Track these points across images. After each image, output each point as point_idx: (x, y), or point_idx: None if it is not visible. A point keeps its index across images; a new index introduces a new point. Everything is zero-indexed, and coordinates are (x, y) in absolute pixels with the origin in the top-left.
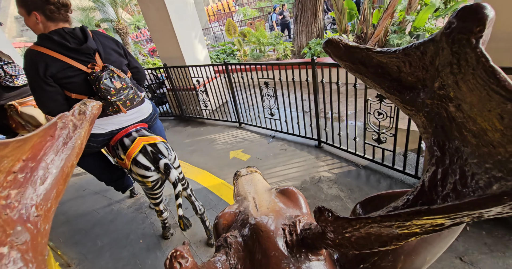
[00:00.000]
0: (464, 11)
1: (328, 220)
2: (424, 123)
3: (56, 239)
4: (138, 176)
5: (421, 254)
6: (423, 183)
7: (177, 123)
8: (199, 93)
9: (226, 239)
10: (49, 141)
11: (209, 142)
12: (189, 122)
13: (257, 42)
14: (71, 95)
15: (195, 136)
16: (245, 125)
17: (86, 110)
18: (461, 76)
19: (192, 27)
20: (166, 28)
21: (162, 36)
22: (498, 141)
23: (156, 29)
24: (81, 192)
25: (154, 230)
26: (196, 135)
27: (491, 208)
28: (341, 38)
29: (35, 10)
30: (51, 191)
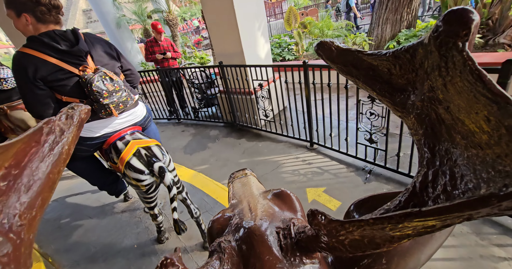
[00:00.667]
0: (450, 15)
1: (321, 223)
2: (415, 125)
3: (47, 246)
4: (132, 179)
5: (414, 255)
6: (415, 184)
7: (229, 132)
8: (260, 100)
9: (220, 244)
10: (34, 147)
11: (273, 167)
12: (243, 133)
13: (320, 34)
14: (62, 98)
15: (252, 154)
16: (319, 147)
17: (74, 114)
18: (449, 79)
19: (256, 16)
20: (226, 18)
21: (220, 28)
22: (486, 143)
23: (215, 19)
24: (73, 197)
25: (149, 234)
26: (253, 153)
27: (480, 210)
28: (333, 41)
29: (25, 12)
30: (36, 199)
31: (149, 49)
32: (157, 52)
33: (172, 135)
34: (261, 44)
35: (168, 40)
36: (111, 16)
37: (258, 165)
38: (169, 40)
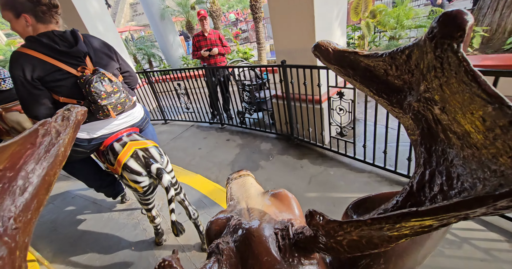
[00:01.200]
0: (445, 17)
1: (319, 224)
2: (412, 125)
3: (43, 249)
4: (129, 181)
5: (411, 255)
6: (412, 184)
7: (285, 148)
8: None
9: (218, 246)
10: (30, 149)
11: None
12: (304, 151)
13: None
14: (59, 99)
15: (324, 186)
16: None
17: (70, 116)
18: (445, 80)
19: (336, 1)
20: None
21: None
22: (481, 143)
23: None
24: (69, 199)
25: (147, 236)
26: (325, 185)
27: (475, 209)
28: (330, 42)
29: (24, 12)
30: (31, 202)
31: (196, 45)
32: (203, 47)
33: (216, 144)
34: (337, 38)
35: (217, 33)
36: (155, 7)
37: (336, 205)
38: (217, 33)
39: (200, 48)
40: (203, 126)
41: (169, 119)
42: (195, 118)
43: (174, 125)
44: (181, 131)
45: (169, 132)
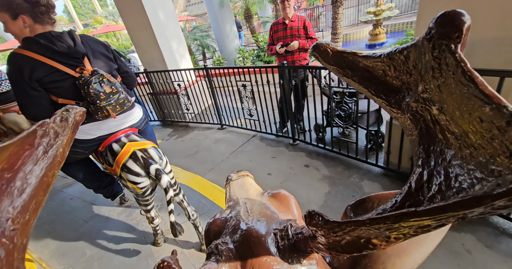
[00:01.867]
0: (443, 17)
1: (318, 224)
2: (410, 125)
3: (41, 251)
4: (128, 182)
5: (410, 255)
6: (410, 184)
7: None
8: None
9: (217, 246)
10: (28, 150)
11: None
12: None
13: None
14: (57, 100)
15: None
16: None
17: (69, 117)
18: (443, 80)
19: None
20: None
21: None
22: (479, 143)
23: None
24: (68, 200)
25: (145, 237)
26: None
27: (473, 209)
28: (329, 43)
29: (22, 13)
30: (29, 203)
31: (273, 36)
32: (281, 40)
33: (291, 170)
34: None
35: (302, 19)
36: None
37: None
38: (302, 19)
39: (278, 41)
40: (268, 138)
41: (226, 124)
42: (258, 127)
43: (232, 133)
44: (241, 142)
45: (228, 143)
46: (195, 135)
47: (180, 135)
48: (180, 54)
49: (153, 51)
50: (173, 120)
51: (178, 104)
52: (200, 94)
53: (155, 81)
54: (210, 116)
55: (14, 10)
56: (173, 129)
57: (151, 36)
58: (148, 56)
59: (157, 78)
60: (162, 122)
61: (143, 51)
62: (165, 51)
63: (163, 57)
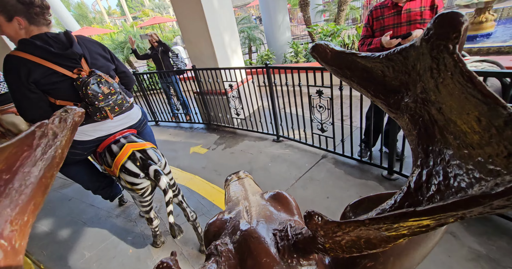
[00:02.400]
0: (441, 18)
1: (318, 224)
2: (409, 126)
3: (39, 253)
4: (127, 183)
5: (410, 255)
6: (409, 184)
7: None
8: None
9: (217, 247)
10: (26, 151)
11: None
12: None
13: None
14: (55, 101)
15: None
16: None
17: (68, 117)
18: (441, 80)
19: None
20: None
21: None
22: (477, 143)
23: None
24: (66, 202)
25: (144, 238)
26: None
27: (472, 209)
28: (328, 43)
29: (17, 15)
30: (28, 204)
31: (374, 25)
32: (390, 29)
33: None
34: None
35: None
36: None
37: None
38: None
39: (382, 31)
40: (346, 163)
41: (284, 136)
42: (330, 145)
43: (293, 150)
44: (308, 164)
45: (290, 163)
46: (246, 146)
47: (229, 145)
48: (232, 49)
49: (204, 44)
50: (219, 125)
51: (227, 108)
52: (250, 96)
53: (203, 80)
54: (262, 123)
55: (8, 12)
56: (220, 136)
57: (203, 27)
58: (197, 50)
59: (206, 77)
60: (207, 126)
61: (192, 44)
62: (217, 45)
63: (214, 52)
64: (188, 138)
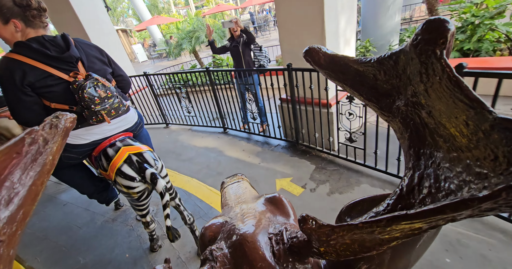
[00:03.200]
0: (428, 24)
1: (312, 228)
2: (401, 129)
3: (33, 259)
4: (123, 187)
5: (404, 257)
6: (402, 187)
7: None
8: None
9: (212, 252)
10: (16, 158)
11: None
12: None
13: None
14: (50, 104)
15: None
16: None
17: (59, 123)
18: (430, 85)
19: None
20: None
21: None
22: (466, 146)
23: None
24: (61, 207)
25: (141, 242)
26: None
27: (461, 212)
28: (321, 47)
29: (13, 17)
30: (17, 213)
31: None
32: None
33: None
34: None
35: None
36: None
37: None
38: None
39: None
40: None
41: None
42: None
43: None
44: None
45: None
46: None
47: (336, 185)
48: (346, 39)
49: (308, 33)
50: (312, 147)
51: (331, 126)
52: None
53: (299, 83)
54: None
55: (4, 14)
56: (316, 166)
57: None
58: (296, 42)
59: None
60: (291, 145)
61: (290, 33)
62: (330, 34)
63: (325, 44)
64: (268, 160)
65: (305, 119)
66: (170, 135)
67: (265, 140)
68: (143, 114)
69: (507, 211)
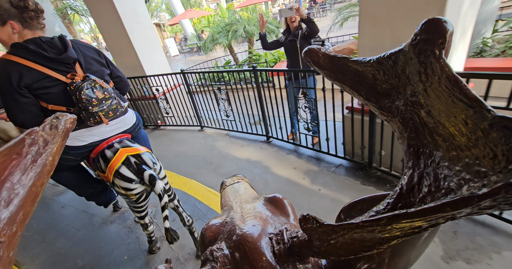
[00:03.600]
0: (427, 24)
1: (313, 228)
2: (400, 128)
3: (31, 263)
4: (121, 189)
5: (404, 256)
6: (402, 186)
7: None
8: None
9: (212, 253)
10: (15, 159)
11: None
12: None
13: None
14: (47, 106)
15: None
16: None
17: (59, 124)
18: (429, 84)
19: None
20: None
21: None
22: (465, 145)
23: None
24: (59, 209)
25: (140, 244)
26: None
27: (461, 210)
28: (320, 48)
29: (10, 19)
30: (17, 214)
31: None
32: None
33: None
34: None
35: None
36: None
37: None
38: None
39: None
40: None
41: None
42: None
43: None
44: None
45: None
46: None
47: None
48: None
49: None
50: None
51: None
52: None
53: None
54: None
55: (1, 16)
56: None
57: None
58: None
59: None
60: (355, 165)
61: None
62: None
63: None
64: (330, 187)
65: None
66: (205, 140)
67: (317, 155)
68: (176, 115)
69: (506, 209)
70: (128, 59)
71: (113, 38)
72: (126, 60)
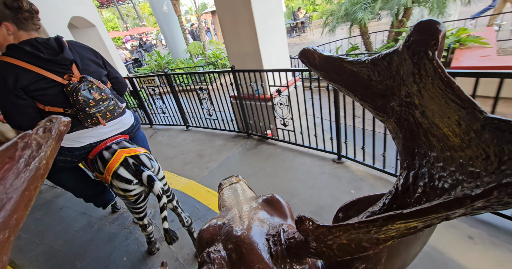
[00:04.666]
0: (420, 25)
1: (309, 229)
2: (395, 129)
3: (29, 265)
4: (119, 190)
5: (400, 256)
6: (397, 187)
7: None
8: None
9: (209, 254)
10: (8, 163)
11: None
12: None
13: None
14: (44, 108)
15: None
16: None
17: (53, 127)
18: (423, 85)
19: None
20: None
21: None
22: (458, 145)
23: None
24: (57, 211)
25: (139, 246)
26: None
27: (455, 210)
28: (316, 49)
29: (4, 20)
30: (9, 219)
31: None
32: None
33: None
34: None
35: None
36: None
37: None
38: None
39: None
40: None
41: None
42: None
43: None
44: None
45: None
46: None
47: None
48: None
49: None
50: None
51: None
52: None
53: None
54: None
55: None
56: None
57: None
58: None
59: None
60: None
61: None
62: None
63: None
64: None
65: None
66: None
67: None
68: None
69: (499, 209)
70: None
71: None
72: None
